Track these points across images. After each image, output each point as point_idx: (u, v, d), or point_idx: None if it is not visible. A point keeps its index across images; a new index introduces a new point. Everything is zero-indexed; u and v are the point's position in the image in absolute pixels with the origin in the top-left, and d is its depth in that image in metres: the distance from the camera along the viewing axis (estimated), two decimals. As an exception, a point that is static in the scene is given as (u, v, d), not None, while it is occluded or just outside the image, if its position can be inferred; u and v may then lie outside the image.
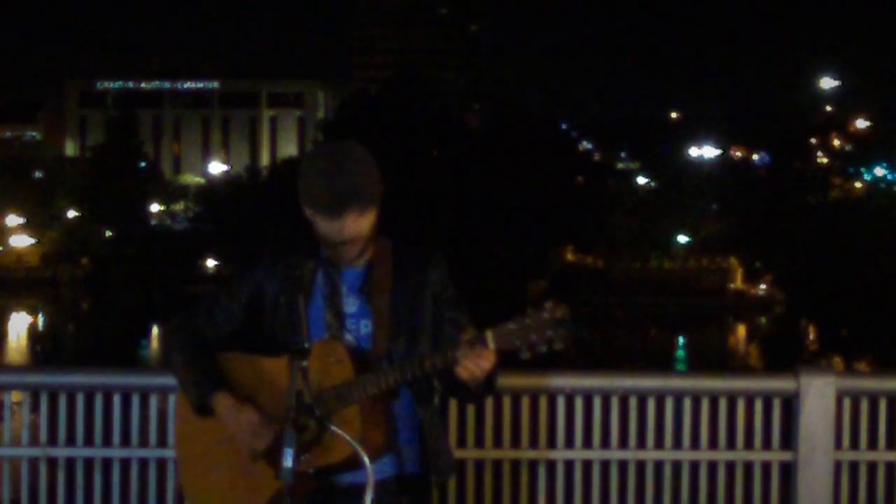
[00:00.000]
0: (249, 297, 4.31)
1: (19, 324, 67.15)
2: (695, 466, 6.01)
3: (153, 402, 5.80)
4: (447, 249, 4.48)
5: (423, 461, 4.28)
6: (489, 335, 3.96)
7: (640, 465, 5.98)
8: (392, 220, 4.39)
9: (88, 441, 5.83)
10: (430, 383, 4.24)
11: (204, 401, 4.19)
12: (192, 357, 4.26)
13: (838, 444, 5.99)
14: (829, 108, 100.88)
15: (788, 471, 6.02)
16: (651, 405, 5.97)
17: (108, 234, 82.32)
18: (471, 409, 5.78)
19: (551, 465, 5.93)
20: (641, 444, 5.98)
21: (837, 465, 5.99)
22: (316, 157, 4.18)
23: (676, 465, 6.00)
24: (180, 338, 4.32)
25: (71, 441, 5.84)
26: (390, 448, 4.18)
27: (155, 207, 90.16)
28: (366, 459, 3.88)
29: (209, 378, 4.21)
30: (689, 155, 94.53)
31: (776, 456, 6.01)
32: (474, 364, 3.98)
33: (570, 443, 5.94)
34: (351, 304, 4.26)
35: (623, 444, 5.97)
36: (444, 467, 4.32)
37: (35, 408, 5.86)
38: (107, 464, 5.83)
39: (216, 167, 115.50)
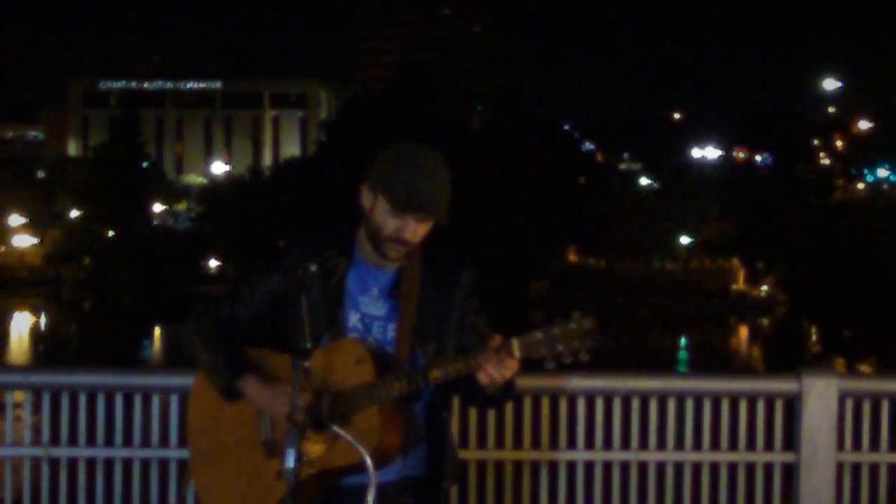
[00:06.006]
0: (271, 294, 4.28)
1: (21, 323, 67.12)
2: (697, 468, 6.01)
3: (155, 402, 5.80)
4: (465, 252, 4.46)
5: (431, 463, 4.26)
6: (515, 344, 3.94)
7: (643, 467, 5.98)
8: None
9: (91, 441, 5.83)
10: (451, 387, 4.21)
11: (232, 383, 4.16)
12: (218, 342, 4.23)
13: (840, 446, 5.99)
14: (831, 110, 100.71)
15: (790, 472, 6.02)
16: (653, 406, 5.96)
17: (111, 233, 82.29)
18: (473, 410, 5.78)
19: (553, 467, 5.93)
20: (644, 445, 5.98)
21: (840, 467, 5.99)
22: (411, 151, 4.13)
23: (679, 467, 6.00)
24: (204, 326, 4.28)
25: (73, 441, 5.84)
26: (406, 452, 4.16)
27: (157, 207, 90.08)
28: (368, 461, 3.86)
29: (237, 362, 4.18)
30: (691, 156, 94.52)
31: (778, 457, 6.01)
32: (497, 371, 3.96)
33: (572, 444, 5.94)
34: (380, 307, 4.24)
35: (625, 445, 5.97)
36: (453, 472, 4.32)
37: (37, 408, 5.86)
38: (109, 464, 5.83)
39: (218, 167, 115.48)
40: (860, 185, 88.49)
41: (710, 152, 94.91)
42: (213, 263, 79.04)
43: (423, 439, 4.24)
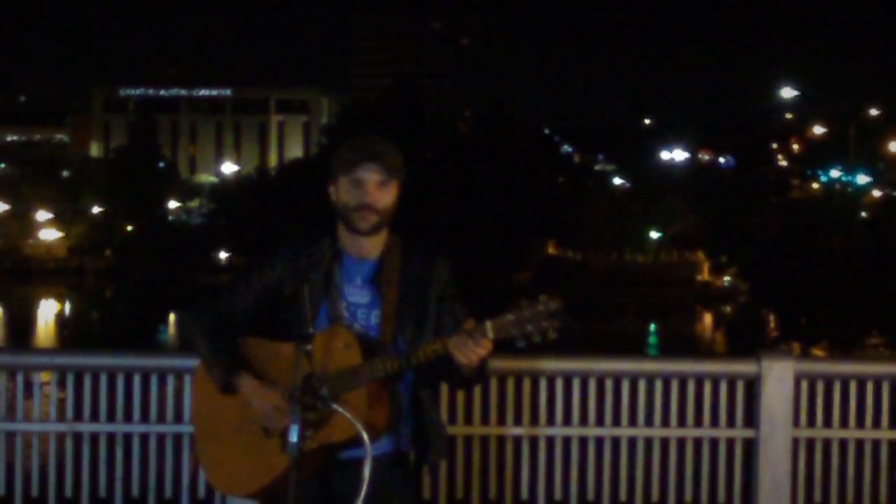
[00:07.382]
0: (267, 286, 4.28)
1: (48, 310, 67.02)
2: (665, 442, 6.02)
3: (170, 381, 5.81)
4: (440, 242, 4.47)
5: (418, 439, 4.27)
6: (489, 326, 3.96)
7: (616, 442, 5.98)
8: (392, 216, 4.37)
9: (111, 417, 5.84)
10: (431, 368, 4.23)
11: (229, 380, 4.17)
12: (215, 339, 4.23)
13: (796, 423, 6.01)
14: (789, 116, 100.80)
15: (751, 447, 6.03)
16: (625, 386, 5.97)
17: (130, 228, 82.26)
18: (461, 390, 5.77)
19: (534, 441, 5.94)
20: (616, 422, 5.99)
21: (795, 442, 6.01)
22: (347, 141, 4.30)
23: (648, 442, 6.01)
24: (203, 320, 4.28)
25: (95, 417, 5.84)
26: (391, 428, 4.17)
27: (172, 204, 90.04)
28: (365, 435, 3.88)
29: (233, 359, 4.19)
30: (660, 158, 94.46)
31: (739, 433, 6.02)
32: (472, 351, 3.98)
33: (551, 420, 5.95)
34: (364, 295, 4.25)
35: (600, 422, 5.98)
36: (440, 447, 4.32)
37: (62, 387, 5.86)
38: (127, 438, 5.83)
39: (228, 167, 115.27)
40: (815, 185, 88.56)
41: (677, 154, 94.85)
42: (223, 255, 79.03)
43: (409, 416, 4.26)
